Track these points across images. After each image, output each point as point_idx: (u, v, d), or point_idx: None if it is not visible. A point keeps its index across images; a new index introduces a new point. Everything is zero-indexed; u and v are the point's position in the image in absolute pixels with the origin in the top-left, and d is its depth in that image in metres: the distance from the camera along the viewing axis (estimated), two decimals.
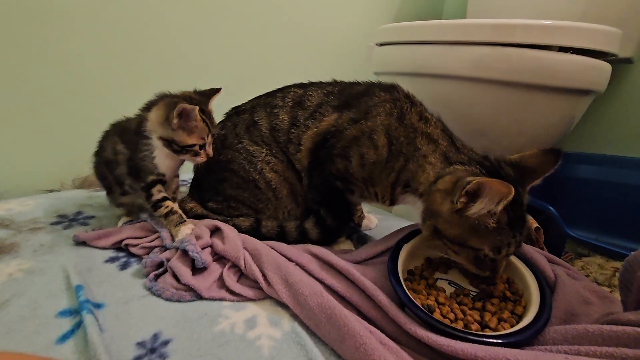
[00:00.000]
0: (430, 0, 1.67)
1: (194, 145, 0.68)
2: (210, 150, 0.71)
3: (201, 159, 0.71)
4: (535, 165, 0.58)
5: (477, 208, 0.51)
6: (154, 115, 0.68)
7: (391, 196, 0.68)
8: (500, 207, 0.50)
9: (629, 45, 1.07)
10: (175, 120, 0.64)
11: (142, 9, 1.04)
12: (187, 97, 0.70)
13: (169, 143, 0.68)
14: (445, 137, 0.64)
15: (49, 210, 0.84)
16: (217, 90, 0.74)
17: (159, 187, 0.71)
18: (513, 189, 0.47)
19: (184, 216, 0.71)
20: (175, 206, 0.72)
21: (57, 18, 0.94)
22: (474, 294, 0.60)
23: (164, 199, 0.71)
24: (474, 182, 0.49)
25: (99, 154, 0.76)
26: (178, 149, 0.68)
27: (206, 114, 0.69)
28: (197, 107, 0.65)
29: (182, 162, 0.75)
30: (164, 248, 0.67)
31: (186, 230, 0.67)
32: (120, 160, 0.72)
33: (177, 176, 0.79)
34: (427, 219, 0.59)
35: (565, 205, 1.05)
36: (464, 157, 0.60)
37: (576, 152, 1.16)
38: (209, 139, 0.70)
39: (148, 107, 0.70)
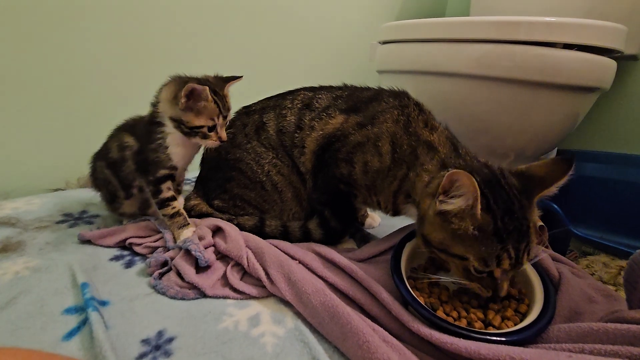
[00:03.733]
0: None
1: (202, 126, 0.65)
2: (223, 133, 0.67)
3: (212, 142, 0.67)
4: (545, 173, 0.54)
5: (449, 205, 0.50)
6: (164, 94, 0.66)
7: (394, 206, 0.67)
8: (477, 207, 0.48)
9: (634, 42, 1.06)
10: (183, 100, 0.62)
11: (149, 9, 1.05)
12: (202, 80, 0.67)
13: (178, 124, 0.65)
14: (448, 144, 0.62)
15: (55, 209, 0.84)
16: (237, 77, 0.71)
17: (168, 183, 0.69)
18: (475, 182, 0.46)
19: (188, 219, 0.70)
20: (182, 208, 0.71)
21: (62, 18, 0.94)
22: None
23: (173, 198, 0.70)
24: (446, 175, 0.49)
25: (102, 156, 0.74)
26: (187, 130, 0.65)
27: (219, 95, 0.66)
28: (207, 88, 0.62)
29: (196, 152, 0.73)
30: (167, 248, 0.67)
31: (188, 233, 0.67)
32: (127, 156, 0.71)
33: (185, 169, 0.78)
34: (418, 227, 0.57)
35: (570, 204, 1.04)
36: (462, 162, 0.59)
37: (581, 150, 1.15)
38: (220, 121, 0.67)
39: (162, 89, 0.69)
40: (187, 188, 0.99)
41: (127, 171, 0.71)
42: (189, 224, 0.69)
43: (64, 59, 0.97)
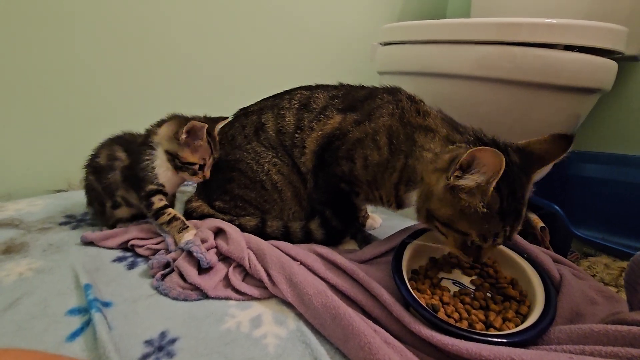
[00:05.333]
0: None
1: (194, 163, 0.72)
2: (207, 172, 0.74)
3: (197, 179, 0.74)
4: (544, 151, 0.55)
5: (468, 180, 0.50)
6: (164, 130, 0.72)
7: (396, 198, 0.68)
8: (491, 184, 0.48)
9: (635, 43, 1.06)
10: (183, 136, 0.69)
11: (147, 11, 1.05)
12: (197, 120, 0.72)
13: (172, 158, 0.71)
14: (445, 124, 0.63)
15: (58, 211, 0.85)
16: (225, 118, 0.79)
17: (159, 196, 0.72)
18: (504, 158, 0.46)
19: (187, 222, 0.71)
20: (178, 213, 0.72)
21: (64, 21, 0.95)
22: (473, 287, 0.61)
23: (166, 206, 0.71)
24: (468, 152, 0.48)
25: (89, 162, 0.76)
26: (180, 164, 0.71)
27: (212, 136, 0.73)
28: (206, 125, 0.69)
29: (182, 181, 0.77)
30: (169, 250, 0.67)
31: (189, 236, 0.67)
32: (116, 166, 0.72)
33: (173, 194, 0.80)
34: (422, 203, 0.57)
35: (571, 205, 1.04)
36: (470, 137, 0.58)
37: (582, 151, 1.15)
38: (209, 161, 0.74)
39: (160, 123, 0.74)
40: (190, 189, 0.99)
41: (112, 180, 0.73)
42: (188, 226, 0.69)
43: (67, 61, 0.97)
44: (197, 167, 0.72)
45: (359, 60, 1.45)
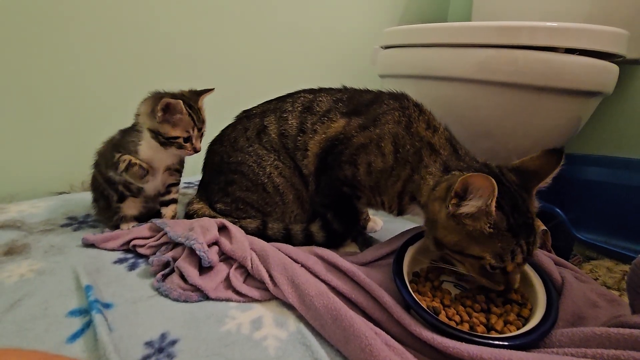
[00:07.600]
0: (435, 2, 1.67)
1: (177, 137, 0.71)
2: (197, 144, 0.73)
3: (187, 152, 0.73)
4: (538, 167, 0.57)
5: (467, 207, 0.50)
6: (142, 108, 0.72)
7: (398, 206, 0.68)
8: (492, 206, 0.49)
9: (636, 46, 1.06)
10: (159, 114, 0.68)
11: (149, 15, 1.06)
12: (178, 95, 0.73)
13: (155, 135, 0.71)
14: (448, 146, 0.64)
15: (59, 212, 0.85)
16: (209, 90, 0.77)
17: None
18: (494, 182, 0.47)
19: (145, 165, 0.71)
20: (135, 159, 0.72)
21: (68, 23, 0.96)
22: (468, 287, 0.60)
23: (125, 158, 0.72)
24: (459, 180, 0.49)
25: (96, 165, 0.78)
26: (163, 140, 0.71)
27: (193, 109, 0.72)
28: (181, 101, 0.68)
29: (172, 159, 0.77)
30: (170, 246, 0.67)
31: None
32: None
33: (173, 175, 0.80)
34: (429, 230, 0.58)
35: (574, 208, 1.04)
36: (463, 164, 0.60)
37: (584, 154, 1.15)
38: (195, 133, 0.73)
39: (141, 103, 0.74)
40: (191, 192, 0.99)
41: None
42: (147, 171, 0.71)
43: (69, 64, 0.98)
44: (181, 140, 0.71)
45: (360, 63, 1.45)
